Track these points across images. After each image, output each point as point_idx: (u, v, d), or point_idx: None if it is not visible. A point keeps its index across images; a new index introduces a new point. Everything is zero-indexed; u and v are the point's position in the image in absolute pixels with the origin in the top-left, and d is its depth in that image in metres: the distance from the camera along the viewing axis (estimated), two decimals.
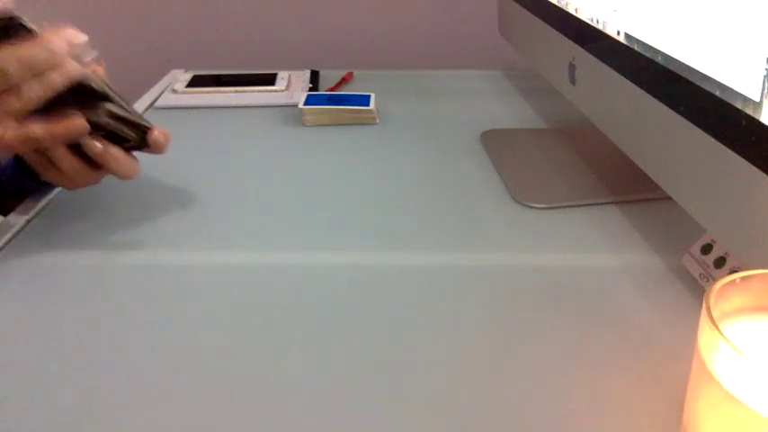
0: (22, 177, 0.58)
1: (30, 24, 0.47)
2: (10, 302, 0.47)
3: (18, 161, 0.58)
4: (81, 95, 0.49)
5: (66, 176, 0.52)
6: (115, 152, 0.51)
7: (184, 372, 0.40)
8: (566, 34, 0.62)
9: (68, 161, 0.51)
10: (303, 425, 0.36)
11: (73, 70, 0.47)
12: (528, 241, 0.54)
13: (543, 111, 0.84)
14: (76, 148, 0.51)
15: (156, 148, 0.54)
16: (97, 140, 0.50)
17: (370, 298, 0.47)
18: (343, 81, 0.96)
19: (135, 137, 0.53)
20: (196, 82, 0.92)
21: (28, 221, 0.57)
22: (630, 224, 0.56)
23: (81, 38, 0.48)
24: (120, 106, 0.52)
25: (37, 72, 0.46)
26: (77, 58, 0.48)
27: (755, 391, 0.26)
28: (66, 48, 0.47)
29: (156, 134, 0.53)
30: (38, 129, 0.47)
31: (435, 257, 0.52)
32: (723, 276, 0.30)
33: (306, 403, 0.38)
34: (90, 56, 0.50)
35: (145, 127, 0.53)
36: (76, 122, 0.49)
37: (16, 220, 0.57)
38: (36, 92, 0.46)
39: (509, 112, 0.84)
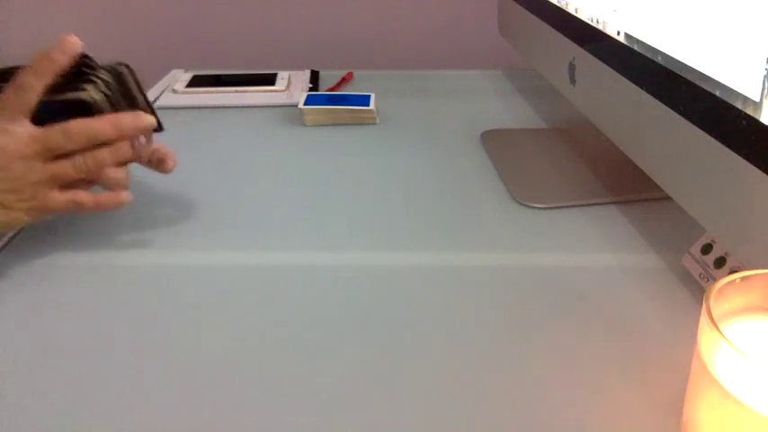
0: None
1: (98, 71, 0.49)
2: (10, 302, 0.47)
3: None
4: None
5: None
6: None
7: (185, 371, 0.40)
8: (566, 34, 0.62)
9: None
10: (304, 424, 0.36)
11: (126, 155, 0.49)
12: (528, 241, 0.54)
13: (543, 111, 0.84)
14: None
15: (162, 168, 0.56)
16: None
17: (370, 298, 0.47)
18: (343, 81, 0.96)
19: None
20: (196, 82, 0.92)
21: None
22: (630, 224, 0.56)
23: (149, 121, 0.50)
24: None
25: (94, 145, 0.48)
26: (140, 140, 0.51)
27: (755, 391, 0.26)
28: (131, 132, 0.49)
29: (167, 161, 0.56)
30: (86, 199, 0.49)
31: (435, 257, 0.52)
32: (723, 276, 0.30)
33: (306, 403, 0.38)
34: (149, 143, 0.52)
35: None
36: (122, 199, 0.51)
37: None
38: (88, 167, 0.48)
39: (509, 112, 0.84)
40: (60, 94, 0.48)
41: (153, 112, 0.52)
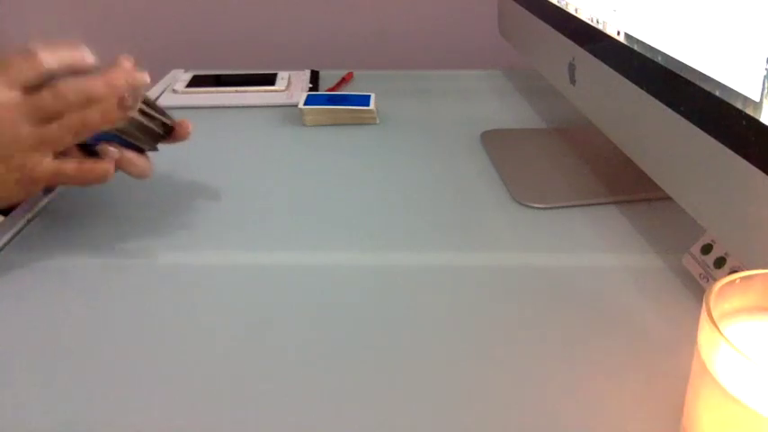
0: None
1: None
2: (10, 302, 0.47)
3: None
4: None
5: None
6: (130, 156, 0.52)
7: (185, 371, 0.40)
8: (566, 34, 0.62)
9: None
10: (304, 424, 0.36)
11: (113, 113, 0.47)
12: (528, 241, 0.54)
13: (543, 111, 0.84)
14: (86, 148, 0.52)
15: (178, 140, 0.56)
16: (113, 146, 0.51)
17: (370, 298, 0.47)
18: (343, 81, 0.96)
19: (151, 144, 0.54)
20: (196, 82, 0.92)
21: (28, 221, 0.57)
22: (630, 224, 0.56)
23: (142, 79, 0.49)
24: (144, 116, 0.52)
25: (87, 107, 0.46)
26: (128, 99, 0.48)
27: (756, 391, 0.26)
28: (125, 89, 0.47)
29: (178, 130, 0.55)
30: (70, 168, 0.48)
31: (435, 257, 0.52)
32: (723, 276, 0.30)
33: (306, 403, 0.38)
34: (141, 98, 0.50)
35: (160, 135, 0.54)
36: (106, 169, 0.49)
37: (16, 220, 0.57)
38: (75, 127, 0.46)
39: (509, 112, 0.84)
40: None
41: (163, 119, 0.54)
